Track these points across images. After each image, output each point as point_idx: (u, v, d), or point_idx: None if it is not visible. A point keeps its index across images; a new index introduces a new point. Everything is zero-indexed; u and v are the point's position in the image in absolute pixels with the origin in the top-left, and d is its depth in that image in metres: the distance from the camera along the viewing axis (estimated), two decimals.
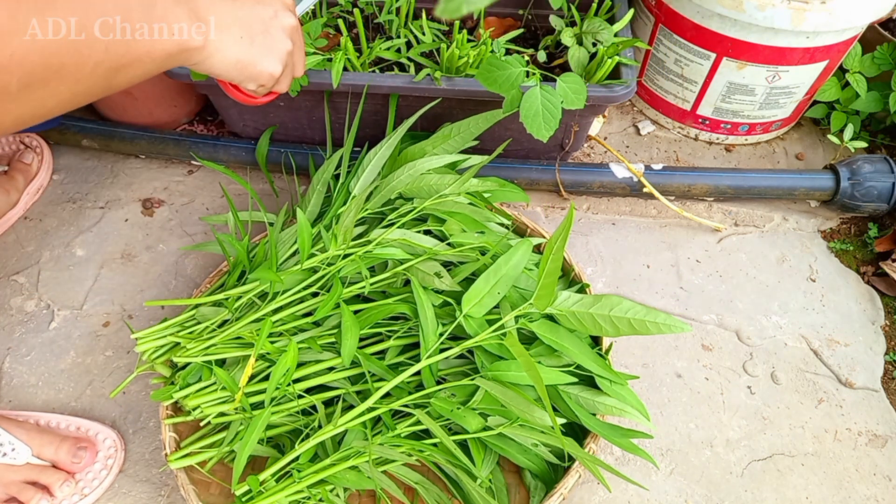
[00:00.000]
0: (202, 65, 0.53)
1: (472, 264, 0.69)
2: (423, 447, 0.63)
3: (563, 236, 0.58)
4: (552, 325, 0.64)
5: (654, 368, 0.84)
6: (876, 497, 0.75)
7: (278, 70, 0.58)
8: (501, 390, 0.61)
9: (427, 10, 0.94)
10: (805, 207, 1.00)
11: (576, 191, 0.95)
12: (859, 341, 0.87)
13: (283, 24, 0.58)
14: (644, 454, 0.64)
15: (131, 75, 0.46)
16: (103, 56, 0.43)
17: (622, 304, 0.63)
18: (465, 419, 0.62)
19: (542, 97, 0.70)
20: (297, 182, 0.93)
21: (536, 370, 0.57)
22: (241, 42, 0.54)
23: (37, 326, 0.86)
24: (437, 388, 0.64)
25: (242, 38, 0.54)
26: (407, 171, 0.73)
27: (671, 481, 0.76)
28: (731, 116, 1.00)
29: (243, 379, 0.63)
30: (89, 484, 0.72)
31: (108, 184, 0.99)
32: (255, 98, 0.64)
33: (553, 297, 0.62)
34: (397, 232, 0.70)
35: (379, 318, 0.67)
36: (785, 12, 0.81)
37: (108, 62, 0.44)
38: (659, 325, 0.61)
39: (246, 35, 0.54)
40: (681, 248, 0.95)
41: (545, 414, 0.60)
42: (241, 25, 0.54)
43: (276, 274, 0.66)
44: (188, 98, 1.02)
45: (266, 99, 0.65)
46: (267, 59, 0.57)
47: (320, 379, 0.66)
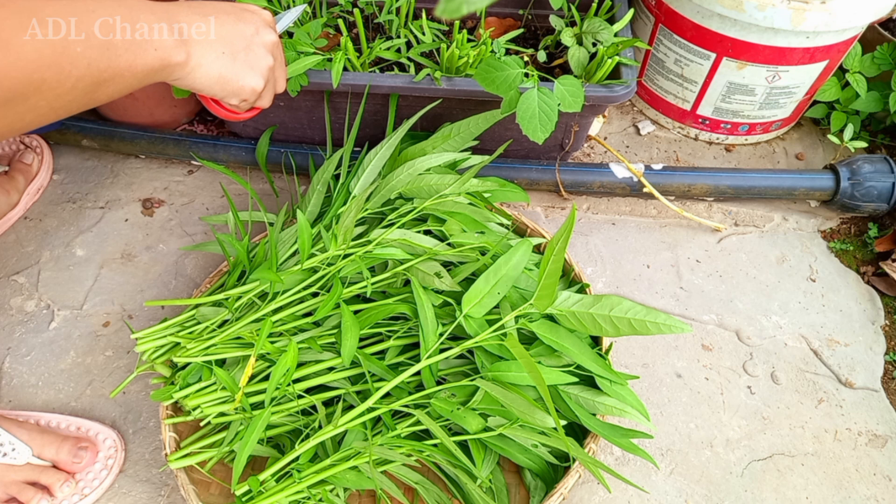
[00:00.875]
0: (184, 80, 0.53)
1: (472, 264, 0.69)
2: (424, 447, 0.63)
3: (565, 237, 0.58)
4: (552, 326, 0.64)
5: (654, 368, 0.84)
6: (876, 497, 0.75)
7: (260, 85, 0.59)
8: (502, 391, 0.61)
9: (427, 10, 0.95)
10: (805, 207, 1.00)
11: (576, 191, 0.95)
12: (859, 341, 0.87)
13: (265, 40, 0.59)
14: (644, 454, 0.64)
15: (112, 90, 0.46)
16: (84, 71, 0.43)
17: (622, 304, 0.63)
18: (466, 420, 0.62)
19: (539, 99, 0.70)
20: (297, 182, 0.93)
21: (538, 371, 0.57)
22: (223, 58, 0.55)
23: (37, 326, 0.86)
24: (437, 388, 0.64)
25: (224, 55, 0.55)
26: (406, 170, 0.73)
27: (671, 481, 0.76)
28: (731, 116, 1.00)
29: (243, 379, 0.63)
30: (89, 484, 0.72)
31: (108, 184, 0.99)
32: (237, 113, 0.65)
33: (553, 297, 0.62)
34: (397, 232, 0.70)
35: (379, 319, 0.67)
36: (785, 12, 0.81)
37: (89, 77, 0.44)
38: (659, 325, 0.61)
39: (228, 51, 0.55)
40: (681, 248, 0.95)
41: (546, 415, 0.60)
42: (223, 42, 0.54)
43: (276, 274, 0.66)
44: (188, 98, 1.02)
45: (248, 115, 0.66)
46: (249, 74, 0.58)
47: (320, 379, 0.66)
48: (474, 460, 0.63)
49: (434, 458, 0.64)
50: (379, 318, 0.67)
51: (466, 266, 0.69)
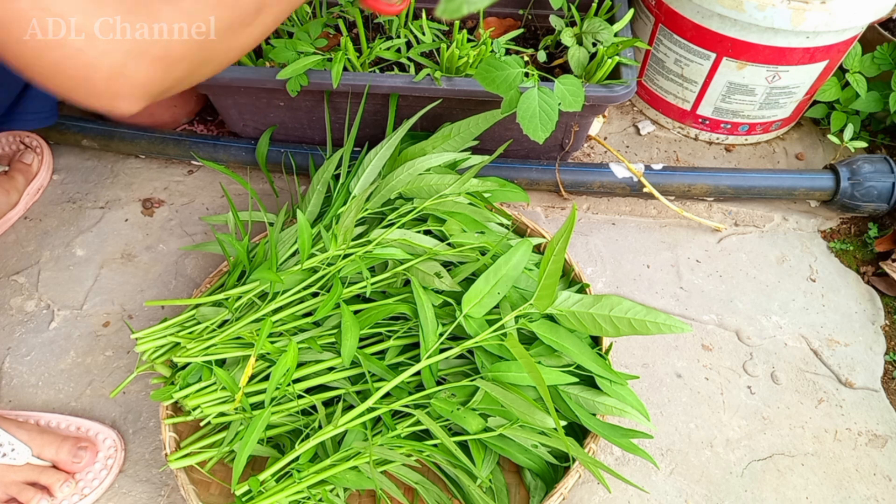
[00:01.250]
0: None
1: (472, 264, 0.69)
2: (424, 447, 0.63)
3: (566, 237, 0.58)
4: (552, 326, 0.64)
5: (654, 368, 0.84)
6: (876, 497, 0.75)
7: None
8: (502, 392, 0.61)
9: (427, 10, 0.95)
10: (805, 207, 1.00)
11: (576, 191, 0.95)
12: (859, 341, 0.87)
13: None
14: (644, 454, 0.64)
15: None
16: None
17: (622, 304, 0.63)
18: (466, 420, 0.62)
19: (540, 99, 0.70)
20: (297, 182, 0.93)
21: (538, 371, 0.57)
22: None
23: (37, 326, 0.86)
24: (437, 388, 0.64)
25: None
26: (406, 170, 0.73)
27: (671, 481, 0.76)
28: (731, 116, 1.00)
29: (243, 379, 0.63)
30: (89, 484, 0.72)
31: (108, 184, 0.99)
32: (392, 7, 0.67)
33: (553, 297, 0.62)
34: (397, 232, 0.70)
35: (379, 319, 0.67)
36: (785, 12, 0.81)
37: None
38: (659, 325, 0.61)
39: None
40: (681, 248, 0.95)
41: (546, 415, 0.60)
42: None
43: (276, 274, 0.66)
44: (188, 98, 1.02)
45: (402, 7, 0.68)
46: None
47: (320, 379, 0.66)
48: (474, 460, 0.63)
49: (434, 459, 0.64)
50: (379, 318, 0.67)
51: (466, 266, 0.69)
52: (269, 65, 0.86)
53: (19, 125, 0.83)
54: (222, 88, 0.87)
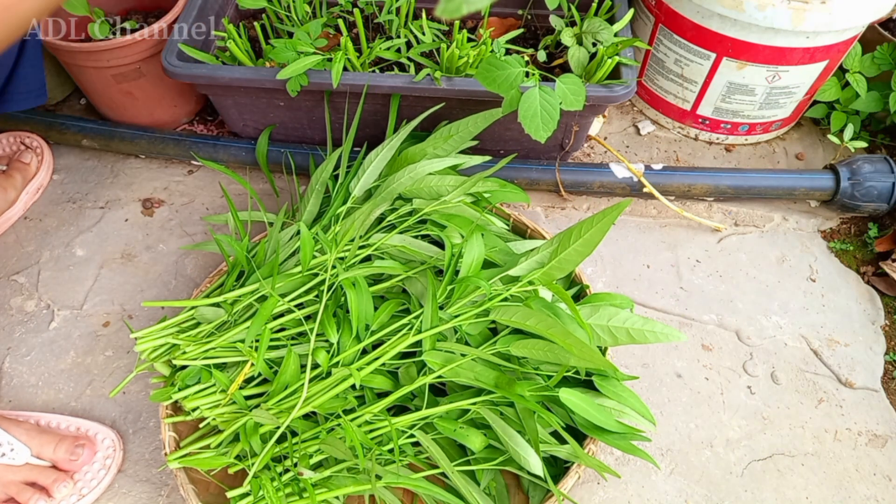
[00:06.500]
0: None
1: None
2: (421, 464, 0.63)
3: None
4: (553, 321, 0.64)
5: (654, 368, 0.84)
6: (876, 497, 0.75)
7: None
8: (502, 425, 0.62)
9: (427, 10, 0.95)
10: (805, 207, 0.99)
11: (576, 191, 0.95)
12: (859, 341, 0.87)
13: None
14: (644, 455, 0.64)
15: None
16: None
17: (620, 313, 0.63)
18: (468, 437, 0.62)
19: (541, 98, 0.70)
20: (297, 182, 0.93)
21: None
22: None
23: (37, 326, 0.86)
24: (439, 408, 0.64)
25: None
26: (407, 173, 0.73)
27: (671, 481, 0.76)
28: (731, 116, 1.00)
29: (234, 386, 0.64)
30: (87, 484, 0.72)
31: (108, 184, 0.99)
32: None
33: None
34: (397, 238, 0.70)
35: (383, 319, 0.68)
36: (785, 12, 0.81)
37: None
38: (657, 335, 0.62)
39: None
40: (681, 248, 0.94)
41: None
42: None
43: (275, 297, 0.66)
44: (188, 98, 1.02)
45: None
46: None
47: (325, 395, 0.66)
48: (475, 475, 0.64)
49: (433, 492, 0.64)
50: (383, 319, 0.68)
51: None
52: (269, 65, 0.86)
53: (13, 105, 0.83)
54: (222, 88, 0.87)
